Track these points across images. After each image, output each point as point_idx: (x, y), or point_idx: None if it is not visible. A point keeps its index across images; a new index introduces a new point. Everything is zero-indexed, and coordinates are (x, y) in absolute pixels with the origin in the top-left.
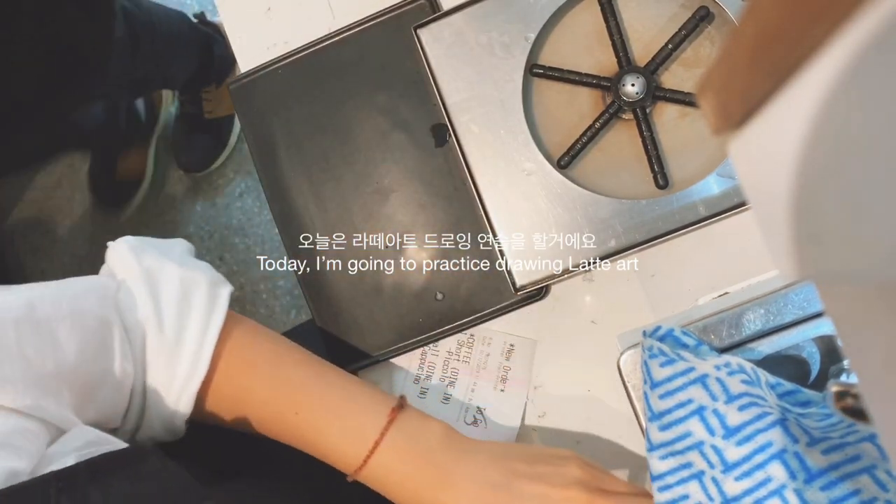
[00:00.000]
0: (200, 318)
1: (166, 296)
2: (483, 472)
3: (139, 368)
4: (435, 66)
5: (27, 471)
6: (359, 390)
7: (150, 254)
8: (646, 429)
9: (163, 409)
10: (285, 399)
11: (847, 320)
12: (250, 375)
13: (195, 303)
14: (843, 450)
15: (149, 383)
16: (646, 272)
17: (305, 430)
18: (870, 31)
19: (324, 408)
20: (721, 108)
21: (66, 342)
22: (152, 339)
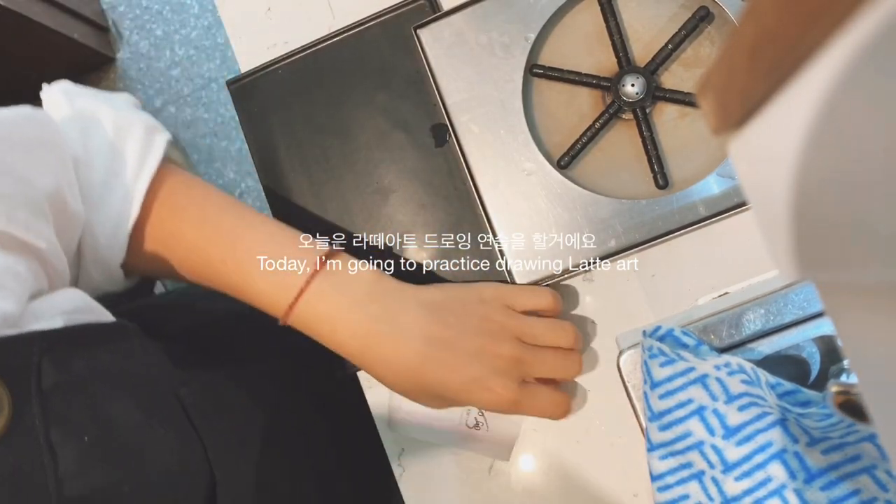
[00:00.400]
0: (133, 163)
1: (98, 139)
2: (417, 325)
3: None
4: (435, 66)
5: (15, 314)
6: (288, 238)
7: (85, 97)
8: (646, 429)
9: (97, 254)
10: (213, 245)
11: (847, 320)
12: (180, 219)
13: (129, 147)
14: (843, 450)
15: (85, 226)
16: (646, 272)
17: (232, 277)
18: (869, 32)
19: (251, 254)
20: (721, 108)
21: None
22: (83, 177)
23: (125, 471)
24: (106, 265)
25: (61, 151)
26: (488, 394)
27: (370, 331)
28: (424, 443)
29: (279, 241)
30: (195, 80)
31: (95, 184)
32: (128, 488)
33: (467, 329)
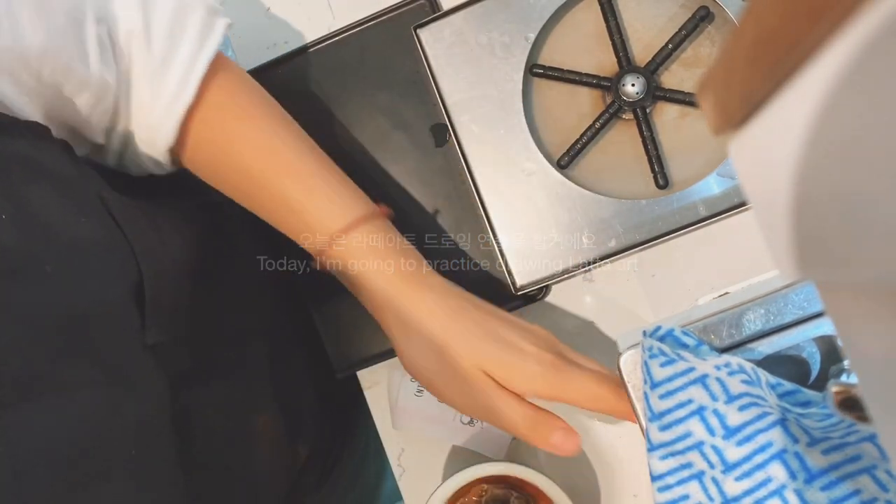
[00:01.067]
0: (193, 41)
1: (159, 13)
2: (457, 296)
3: (123, 84)
4: (435, 66)
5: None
6: (346, 178)
7: None
8: (646, 429)
9: (146, 133)
10: (277, 158)
11: (847, 320)
12: (245, 123)
13: (189, 24)
14: (844, 450)
15: (133, 102)
16: (646, 272)
17: (291, 192)
18: (870, 32)
19: (316, 176)
20: (721, 108)
21: (28, 24)
22: (139, 54)
23: (45, 249)
24: (154, 145)
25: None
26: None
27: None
28: (424, 443)
29: (342, 176)
30: None
31: (153, 60)
32: (50, 268)
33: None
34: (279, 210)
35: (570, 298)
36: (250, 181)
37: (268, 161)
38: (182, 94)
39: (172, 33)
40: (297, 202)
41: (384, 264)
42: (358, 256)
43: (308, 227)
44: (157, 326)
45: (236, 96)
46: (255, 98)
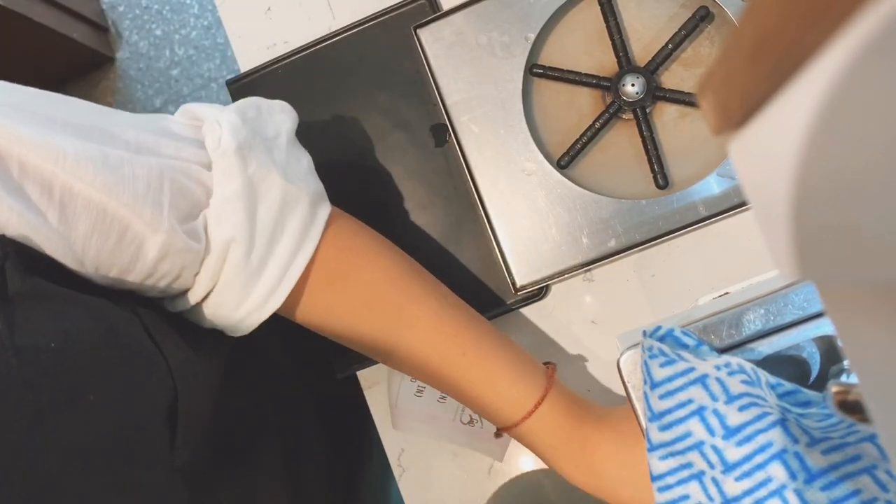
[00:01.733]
0: (292, 240)
1: (263, 217)
2: (618, 428)
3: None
4: (435, 66)
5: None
6: (513, 343)
7: (257, 154)
8: (646, 429)
9: (224, 322)
10: (452, 339)
11: (847, 320)
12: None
13: (290, 221)
14: (844, 450)
15: (215, 296)
16: (646, 272)
17: (474, 374)
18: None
19: (492, 354)
20: (721, 108)
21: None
22: (235, 260)
23: (90, 378)
24: (230, 328)
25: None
26: None
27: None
28: (424, 443)
29: (509, 344)
30: (195, 79)
31: (249, 267)
32: (93, 397)
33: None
34: (460, 388)
35: (570, 298)
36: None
37: (441, 345)
38: (269, 301)
39: (273, 237)
40: (476, 390)
41: (567, 441)
42: (542, 437)
43: (489, 411)
44: (185, 445)
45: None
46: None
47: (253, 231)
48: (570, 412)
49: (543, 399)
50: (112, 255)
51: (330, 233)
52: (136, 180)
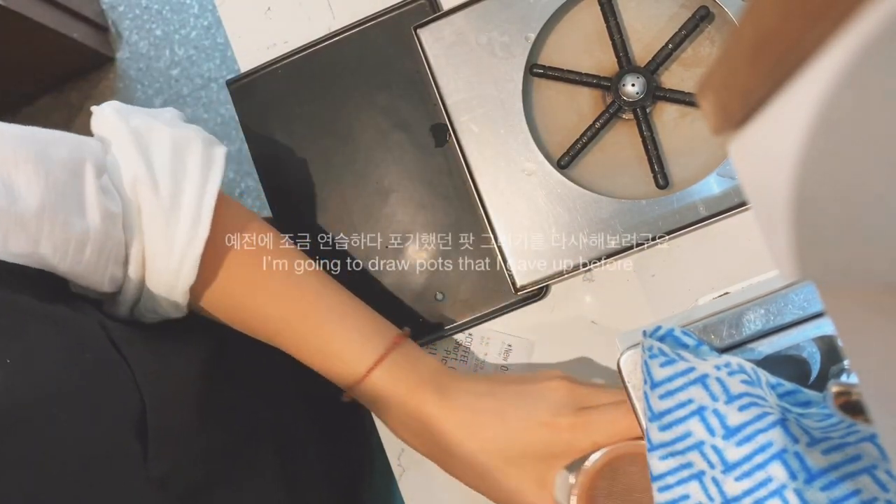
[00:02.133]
0: (197, 178)
1: (158, 156)
2: (468, 384)
3: (134, 231)
4: (435, 66)
5: None
6: (364, 308)
7: (138, 115)
8: (646, 429)
9: (164, 277)
10: (294, 302)
11: (847, 320)
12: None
13: (190, 162)
14: (844, 450)
15: (148, 248)
16: (646, 272)
17: (311, 336)
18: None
19: (334, 316)
20: (721, 108)
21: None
22: (147, 202)
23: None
24: (174, 288)
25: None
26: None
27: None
28: None
29: (358, 308)
30: (195, 80)
31: (162, 204)
32: (57, 411)
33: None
34: (302, 353)
35: (570, 298)
36: (261, 325)
37: (284, 307)
38: (196, 232)
39: (175, 174)
40: (313, 351)
41: (408, 398)
42: (383, 396)
43: (329, 371)
44: (159, 457)
45: (245, 230)
46: (263, 233)
47: (152, 170)
48: (407, 378)
49: (378, 364)
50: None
51: None
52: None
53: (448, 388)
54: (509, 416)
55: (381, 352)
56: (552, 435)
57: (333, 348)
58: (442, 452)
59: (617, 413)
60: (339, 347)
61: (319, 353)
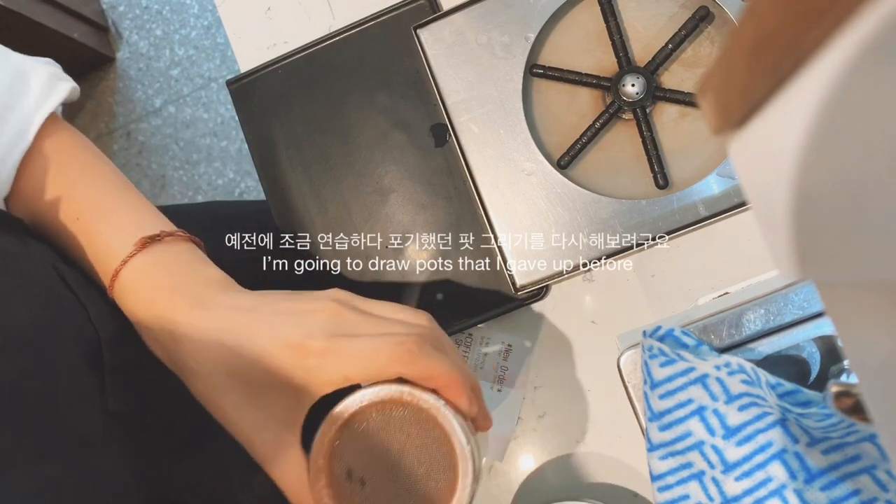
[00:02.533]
0: (35, 98)
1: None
2: (235, 298)
3: None
4: (435, 66)
5: None
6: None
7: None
8: (646, 429)
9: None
10: (71, 202)
11: (847, 320)
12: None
13: (32, 84)
14: (843, 450)
15: None
16: (646, 272)
17: (79, 238)
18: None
19: (99, 218)
20: (721, 108)
21: None
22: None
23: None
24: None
25: None
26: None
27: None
28: None
29: (134, 216)
30: (195, 79)
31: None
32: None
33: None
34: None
35: (570, 298)
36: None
37: (64, 209)
38: (17, 144)
39: (13, 90)
40: (81, 254)
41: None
42: (133, 294)
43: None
44: (117, 392)
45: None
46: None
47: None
48: (163, 279)
49: (132, 256)
50: None
51: None
52: None
53: (207, 298)
54: (259, 336)
55: (139, 245)
56: (297, 360)
57: (92, 250)
58: (183, 371)
59: (381, 345)
60: (96, 250)
61: (84, 259)
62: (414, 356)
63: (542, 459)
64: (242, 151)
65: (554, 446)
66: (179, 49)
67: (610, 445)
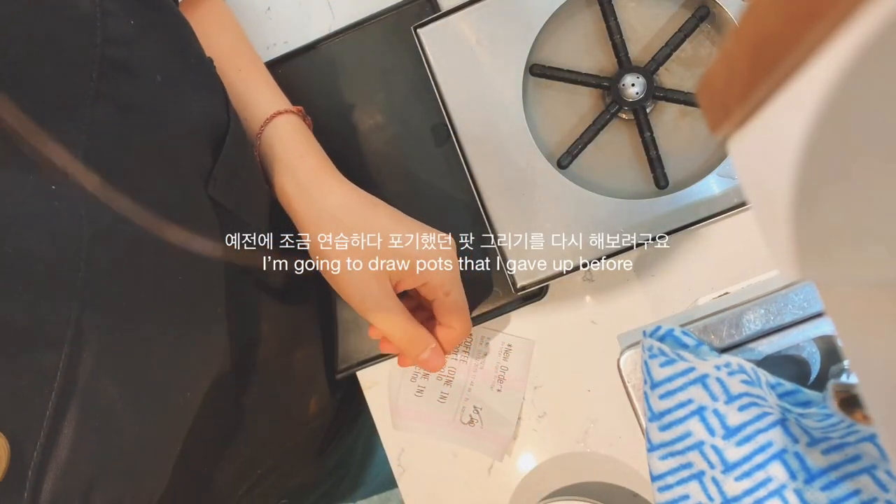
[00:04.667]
0: None
1: None
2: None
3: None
4: (435, 66)
5: None
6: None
7: None
8: (646, 429)
9: None
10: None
11: (847, 320)
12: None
13: None
14: (844, 450)
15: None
16: (646, 272)
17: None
18: (870, 31)
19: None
20: (721, 107)
21: None
22: None
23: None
24: None
25: None
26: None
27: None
28: (424, 443)
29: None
30: None
31: None
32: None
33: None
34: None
35: (570, 298)
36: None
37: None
38: None
39: None
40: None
41: (309, 152)
42: (284, 140)
43: (248, 111)
44: (220, 182)
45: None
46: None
47: None
48: (310, 139)
49: (285, 112)
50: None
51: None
52: None
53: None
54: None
55: (289, 107)
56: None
57: (250, 89)
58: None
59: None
60: (255, 89)
61: (244, 97)
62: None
63: (541, 459)
64: None
65: (554, 446)
66: None
67: (610, 445)
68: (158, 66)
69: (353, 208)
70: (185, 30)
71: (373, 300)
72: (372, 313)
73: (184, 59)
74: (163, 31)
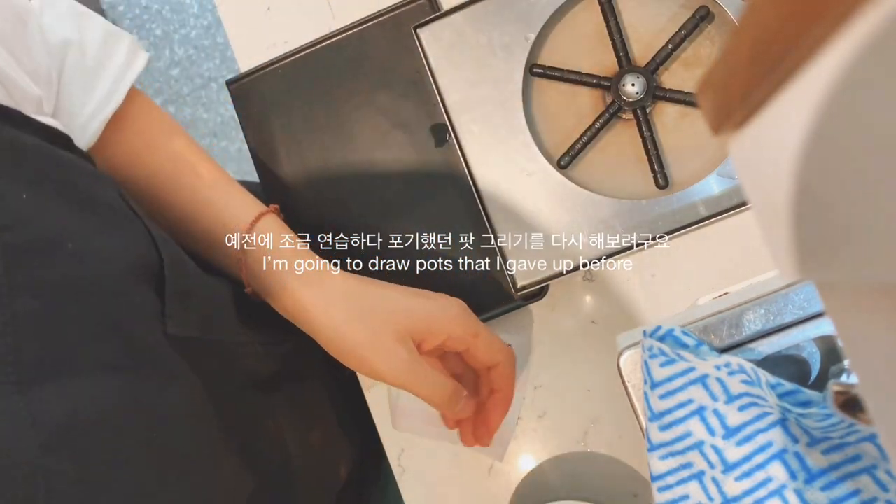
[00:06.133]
0: (122, 60)
1: (91, 32)
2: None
3: (52, 87)
4: (435, 66)
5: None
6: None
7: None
8: (646, 429)
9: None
10: (190, 161)
11: (847, 320)
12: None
13: (118, 48)
14: (844, 450)
15: (61, 103)
16: (646, 272)
17: (208, 188)
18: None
19: (223, 178)
20: (721, 108)
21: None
22: (73, 59)
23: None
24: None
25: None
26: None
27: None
28: (424, 443)
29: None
30: (195, 79)
31: (86, 68)
32: (72, 246)
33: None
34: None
35: (570, 298)
36: (160, 182)
37: (183, 163)
38: (111, 99)
39: (105, 50)
40: (208, 202)
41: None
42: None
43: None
44: (177, 317)
45: (153, 112)
46: (167, 117)
47: (84, 39)
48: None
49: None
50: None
51: None
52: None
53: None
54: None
55: (265, 209)
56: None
57: (227, 200)
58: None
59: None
60: (228, 201)
61: (213, 205)
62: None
63: (541, 459)
64: (242, 151)
65: (554, 446)
66: (179, 49)
67: (610, 445)
68: (67, 232)
69: (361, 289)
70: (84, 177)
71: (405, 365)
72: (406, 377)
73: (92, 209)
74: (60, 188)
